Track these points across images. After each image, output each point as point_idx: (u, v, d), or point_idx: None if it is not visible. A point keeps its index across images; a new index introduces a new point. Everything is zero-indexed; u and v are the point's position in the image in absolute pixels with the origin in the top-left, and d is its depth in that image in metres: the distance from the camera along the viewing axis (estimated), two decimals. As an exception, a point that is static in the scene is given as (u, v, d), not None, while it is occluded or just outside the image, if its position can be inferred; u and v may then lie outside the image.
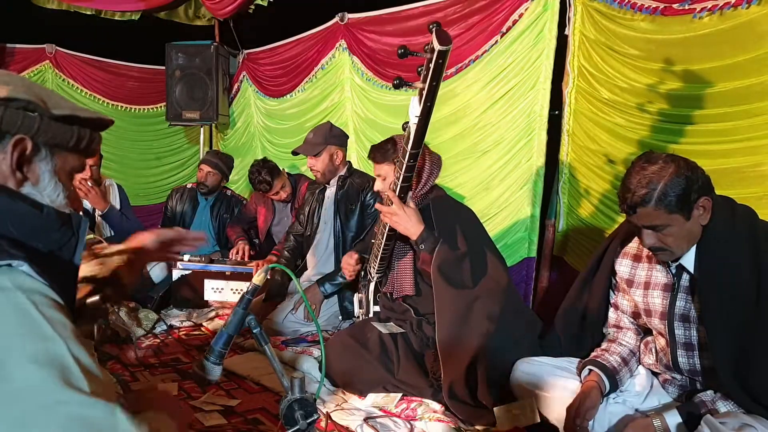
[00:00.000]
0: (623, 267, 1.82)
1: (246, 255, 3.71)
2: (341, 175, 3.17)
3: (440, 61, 1.62)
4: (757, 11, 2.12)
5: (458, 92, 3.42)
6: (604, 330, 1.93)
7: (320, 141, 3.11)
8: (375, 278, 2.54)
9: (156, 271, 3.56)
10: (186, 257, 3.58)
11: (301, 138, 4.34)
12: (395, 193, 2.14)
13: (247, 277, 3.38)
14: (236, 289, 3.40)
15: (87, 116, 1.00)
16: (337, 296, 3.01)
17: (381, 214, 2.24)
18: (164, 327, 3.12)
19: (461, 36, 3.36)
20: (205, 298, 3.45)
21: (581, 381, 1.79)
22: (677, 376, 1.72)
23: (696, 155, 1.87)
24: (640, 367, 1.83)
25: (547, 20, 3.00)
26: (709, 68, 2.30)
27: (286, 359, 2.59)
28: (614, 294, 1.90)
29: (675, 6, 2.37)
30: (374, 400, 2.18)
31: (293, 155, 3.33)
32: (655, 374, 1.81)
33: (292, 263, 3.34)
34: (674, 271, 1.66)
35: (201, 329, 3.18)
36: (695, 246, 1.58)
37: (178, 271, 3.51)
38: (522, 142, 3.17)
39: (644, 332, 1.88)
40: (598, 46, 2.76)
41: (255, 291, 1.31)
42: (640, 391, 1.77)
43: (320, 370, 2.38)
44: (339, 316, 3.03)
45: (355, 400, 2.22)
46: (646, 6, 2.47)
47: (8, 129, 0.90)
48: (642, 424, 1.60)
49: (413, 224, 2.18)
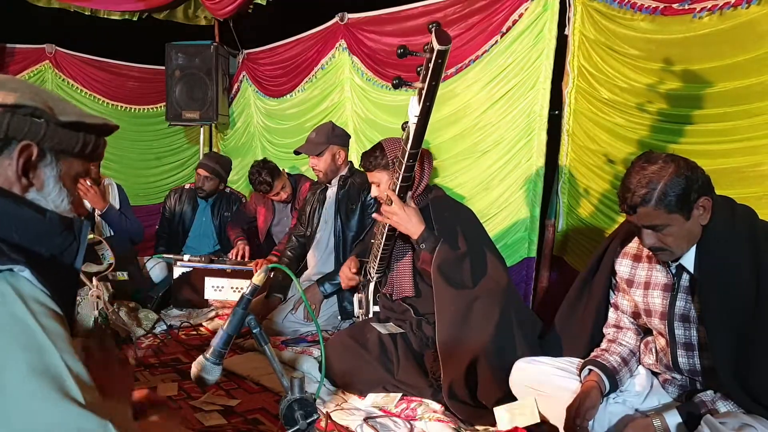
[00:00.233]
0: (623, 267, 1.82)
1: (246, 255, 3.71)
2: (342, 175, 3.17)
3: (439, 61, 1.62)
4: (757, 11, 2.12)
5: (458, 92, 3.42)
6: (604, 330, 1.92)
7: (322, 141, 3.11)
8: (375, 278, 2.54)
9: (156, 271, 3.56)
10: (186, 257, 3.58)
11: (301, 138, 4.35)
12: (395, 193, 2.15)
13: (248, 275, 3.38)
14: (236, 288, 3.39)
15: (93, 122, 1.00)
16: (337, 296, 3.01)
17: (383, 213, 2.24)
18: (164, 327, 3.12)
19: (461, 36, 3.36)
20: (206, 297, 3.45)
21: (581, 381, 1.79)
22: (677, 376, 1.72)
23: (696, 155, 1.87)
24: (640, 367, 1.83)
25: (547, 20, 3.00)
26: (709, 68, 2.30)
27: (286, 359, 2.59)
28: (614, 294, 1.90)
29: (675, 6, 2.37)
30: (374, 400, 2.18)
31: (295, 155, 3.33)
32: (655, 374, 1.81)
33: (295, 264, 3.33)
34: (674, 271, 1.66)
35: (201, 329, 3.18)
36: (695, 246, 1.58)
37: (179, 269, 3.51)
38: (522, 142, 3.17)
39: (644, 332, 1.88)
40: (598, 46, 2.75)
41: (255, 291, 1.31)
42: (640, 391, 1.77)
43: (320, 370, 2.38)
44: (338, 316, 3.03)
45: (355, 400, 2.22)
46: (646, 6, 2.46)
47: (15, 135, 0.91)
48: (642, 424, 1.60)
49: (414, 224, 2.19)
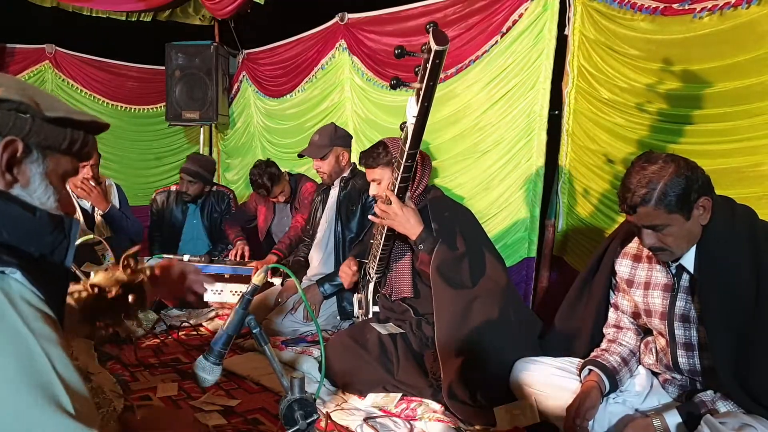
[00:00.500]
0: (623, 267, 1.82)
1: (246, 255, 3.70)
2: (344, 177, 3.17)
3: (437, 61, 1.62)
4: (757, 11, 2.12)
5: (458, 92, 3.42)
6: (604, 330, 1.92)
7: (326, 143, 3.11)
8: (374, 279, 2.53)
9: (156, 271, 3.55)
10: (186, 257, 3.58)
11: (302, 138, 4.36)
12: (394, 194, 2.14)
13: (246, 279, 3.38)
14: (235, 291, 3.40)
15: (81, 119, 0.98)
16: (336, 297, 3.01)
17: (380, 214, 2.23)
18: (164, 327, 3.12)
19: (461, 36, 3.36)
20: (205, 300, 3.45)
21: (581, 381, 1.79)
22: (677, 376, 1.72)
23: (696, 155, 1.87)
24: (640, 367, 1.83)
25: (547, 20, 3.00)
26: (709, 68, 2.30)
27: (286, 359, 2.59)
28: (614, 294, 1.90)
29: (675, 6, 2.37)
30: (374, 400, 2.18)
31: (299, 158, 3.33)
32: (655, 374, 1.81)
33: (307, 266, 3.34)
34: (674, 272, 1.66)
35: (201, 329, 3.18)
36: (695, 246, 1.58)
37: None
38: (522, 143, 3.17)
39: (644, 332, 1.88)
40: (598, 46, 2.75)
41: (255, 291, 1.31)
42: (640, 391, 1.77)
43: (320, 370, 2.38)
44: (337, 317, 3.03)
45: (355, 400, 2.22)
46: (646, 6, 2.47)
47: None
48: (642, 424, 1.60)
49: (412, 224, 2.18)
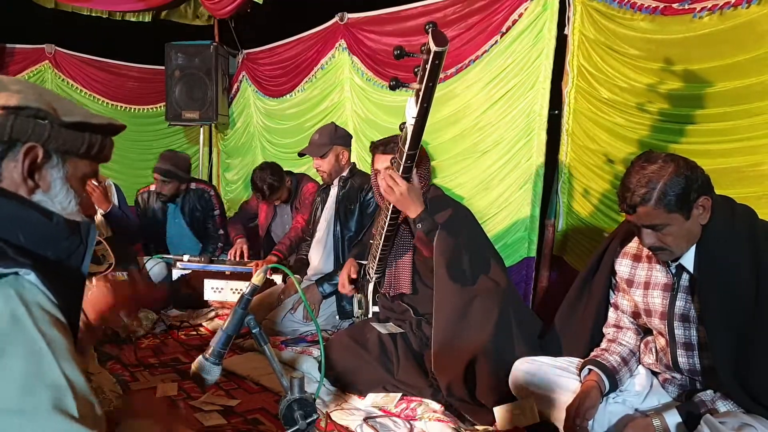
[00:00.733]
0: (623, 267, 1.82)
1: (245, 254, 3.70)
2: (343, 176, 3.17)
3: (436, 62, 1.62)
4: (757, 11, 2.12)
5: (458, 92, 3.42)
6: (604, 330, 1.92)
7: (326, 142, 3.12)
8: (374, 279, 2.53)
9: (156, 271, 3.55)
10: (186, 257, 3.58)
11: (302, 138, 4.36)
12: (399, 174, 2.06)
13: (247, 277, 3.38)
14: (236, 289, 3.39)
15: (98, 122, 1.00)
16: (336, 296, 3.01)
17: (383, 189, 2.12)
18: (164, 327, 3.12)
19: (461, 36, 3.36)
20: (205, 298, 3.45)
21: (581, 381, 1.78)
22: (677, 376, 1.72)
23: (696, 155, 1.87)
24: (640, 367, 1.83)
25: (547, 20, 3.00)
26: (709, 68, 2.30)
27: (286, 359, 2.59)
28: (614, 294, 1.90)
29: (675, 6, 2.37)
30: (374, 400, 2.18)
31: (299, 157, 3.33)
32: (655, 374, 1.81)
33: (308, 264, 3.33)
34: (674, 271, 1.66)
35: (201, 329, 3.18)
36: (695, 246, 1.58)
37: (178, 271, 3.50)
38: (522, 142, 3.17)
39: (644, 332, 1.87)
40: (598, 46, 2.75)
41: (254, 291, 1.31)
42: (640, 391, 1.77)
43: (320, 370, 2.38)
44: (336, 316, 3.03)
45: (355, 400, 2.22)
46: (646, 6, 2.46)
47: (19, 137, 0.90)
48: (642, 424, 1.60)
49: (414, 202, 2.12)
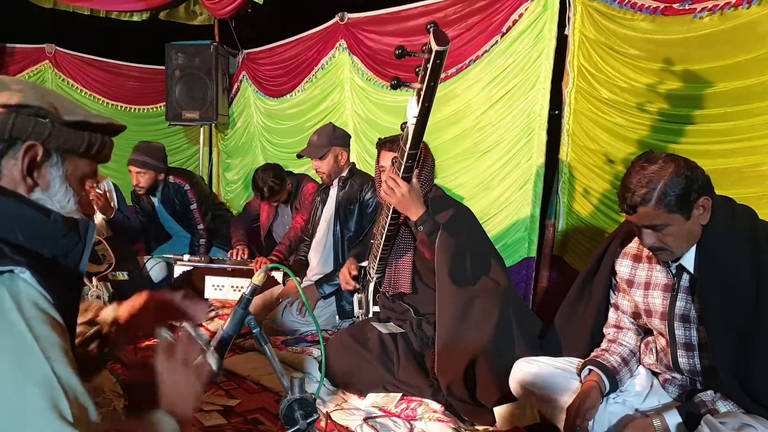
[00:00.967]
0: (623, 267, 1.82)
1: (245, 255, 3.69)
2: (342, 177, 3.17)
3: (438, 62, 1.62)
4: (758, 11, 2.12)
5: (458, 92, 3.42)
6: (605, 330, 1.92)
7: (324, 143, 3.12)
8: (374, 278, 2.53)
9: (156, 271, 3.56)
10: (186, 257, 3.58)
11: (302, 138, 4.35)
12: (399, 176, 2.06)
13: (248, 274, 3.38)
14: (237, 287, 3.39)
15: (98, 122, 1.00)
16: (335, 296, 3.01)
17: (383, 191, 2.12)
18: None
19: (461, 36, 3.36)
20: (206, 296, 3.45)
21: (581, 381, 1.79)
22: (677, 376, 1.72)
23: (696, 155, 1.87)
24: (640, 367, 1.83)
25: (547, 20, 3.00)
26: (710, 68, 2.30)
27: (286, 359, 2.59)
28: (614, 294, 1.90)
29: (675, 6, 2.37)
30: (374, 400, 2.18)
31: (298, 158, 3.33)
32: (655, 374, 1.81)
33: (307, 265, 3.33)
34: (674, 272, 1.66)
35: (201, 329, 3.18)
36: (695, 246, 1.58)
37: (179, 268, 3.51)
38: (522, 142, 3.17)
39: (644, 332, 1.87)
40: (598, 46, 2.75)
41: (255, 291, 1.31)
42: (640, 391, 1.77)
43: (320, 370, 2.38)
44: (336, 316, 3.03)
45: (355, 400, 2.22)
46: (646, 6, 2.46)
47: (19, 135, 0.91)
48: (642, 424, 1.60)
49: (416, 205, 2.12)
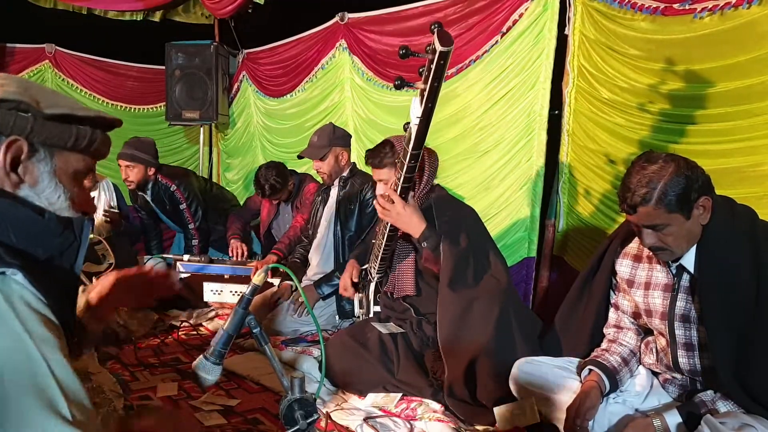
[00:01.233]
0: (623, 267, 1.82)
1: (244, 253, 3.70)
2: (343, 177, 3.17)
3: (441, 62, 1.62)
4: (758, 11, 2.12)
5: (459, 92, 3.42)
6: (605, 330, 1.92)
7: (325, 143, 3.12)
8: (375, 278, 2.53)
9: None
10: (186, 257, 3.58)
11: (302, 138, 4.35)
12: (396, 193, 2.13)
13: (246, 280, 3.38)
14: (235, 291, 3.40)
15: (84, 114, 0.97)
16: (335, 296, 3.01)
17: (381, 213, 2.20)
18: (164, 327, 3.12)
19: (461, 36, 3.36)
20: (205, 300, 3.45)
21: (581, 381, 1.79)
22: (677, 376, 1.72)
23: (696, 155, 1.87)
24: (640, 367, 1.83)
25: (547, 20, 3.00)
26: (710, 68, 2.30)
27: (286, 359, 2.59)
28: (614, 294, 1.90)
29: (675, 6, 2.37)
30: (374, 400, 2.18)
31: (299, 159, 3.33)
32: (656, 374, 1.81)
33: (305, 263, 3.34)
34: (674, 272, 1.66)
35: (201, 329, 3.18)
36: (695, 246, 1.58)
37: (177, 274, 3.51)
38: (522, 142, 3.17)
39: (645, 332, 1.88)
40: (598, 46, 2.76)
41: (255, 291, 1.31)
42: (640, 391, 1.77)
43: (320, 370, 2.38)
44: (336, 316, 3.03)
45: (355, 400, 2.22)
46: (647, 6, 2.47)
47: (0, 130, 0.89)
48: (642, 424, 1.60)
49: (415, 223, 2.16)
